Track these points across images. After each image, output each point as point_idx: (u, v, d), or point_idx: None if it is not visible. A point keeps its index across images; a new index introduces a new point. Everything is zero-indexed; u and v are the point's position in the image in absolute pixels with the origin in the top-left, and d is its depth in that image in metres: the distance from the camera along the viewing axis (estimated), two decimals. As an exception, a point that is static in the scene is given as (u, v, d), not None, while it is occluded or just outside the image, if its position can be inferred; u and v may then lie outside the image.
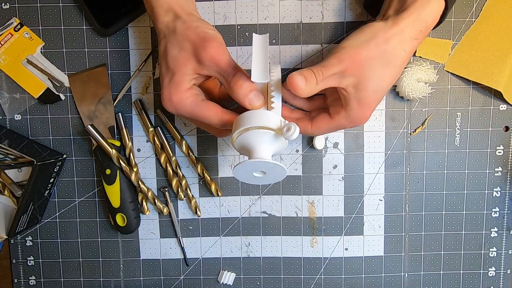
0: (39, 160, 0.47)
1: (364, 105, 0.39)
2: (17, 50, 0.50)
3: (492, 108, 0.51)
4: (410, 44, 0.39)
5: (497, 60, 0.49)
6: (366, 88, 0.38)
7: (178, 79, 0.39)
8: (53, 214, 0.53)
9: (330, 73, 0.38)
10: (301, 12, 0.50)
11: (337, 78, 0.39)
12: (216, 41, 0.39)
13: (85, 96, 0.51)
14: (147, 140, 0.52)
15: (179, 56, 0.39)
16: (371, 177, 0.52)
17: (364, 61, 0.38)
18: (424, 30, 0.39)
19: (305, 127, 0.43)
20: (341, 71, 0.38)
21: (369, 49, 0.38)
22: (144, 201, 0.52)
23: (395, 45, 0.38)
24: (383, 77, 0.39)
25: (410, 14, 0.38)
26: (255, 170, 0.39)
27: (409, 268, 0.54)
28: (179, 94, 0.40)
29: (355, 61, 0.38)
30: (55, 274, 0.54)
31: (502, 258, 0.53)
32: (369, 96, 0.39)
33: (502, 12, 0.49)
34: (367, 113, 0.40)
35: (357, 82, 0.38)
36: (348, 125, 0.41)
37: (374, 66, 0.38)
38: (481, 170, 0.52)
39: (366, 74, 0.38)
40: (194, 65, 0.39)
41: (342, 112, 0.41)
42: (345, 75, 0.38)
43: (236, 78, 0.39)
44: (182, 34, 0.39)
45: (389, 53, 0.38)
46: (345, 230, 0.53)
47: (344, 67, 0.38)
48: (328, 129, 0.43)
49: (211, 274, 0.54)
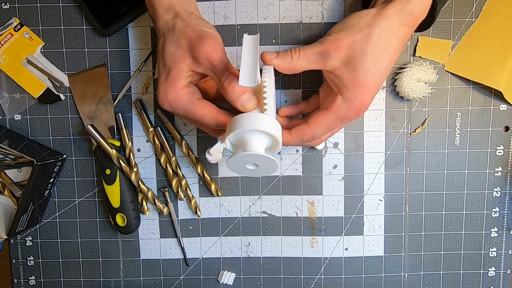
0: (39, 160, 0.47)
1: (359, 86, 0.38)
2: (17, 50, 0.50)
3: (492, 108, 0.51)
4: (398, 29, 0.39)
5: (498, 60, 0.49)
6: (357, 68, 0.38)
7: (174, 76, 0.40)
8: (53, 214, 0.53)
9: (308, 52, 0.39)
10: (301, 12, 0.50)
11: (320, 58, 0.39)
12: (213, 40, 0.39)
13: (85, 96, 0.51)
14: (147, 140, 0.52)
15: (176, 53, 0.39)
16: (371, 177, 0.52)
17: (346, 44, 0.38)
18: (412, 19, 0.39)
19: (303, 132, 0.41)
20: (321, 51, 0.39)
21: (350, 34, 0.39)
22: (144, 201, 0.52)
23: (381, 29, 0.38)
24: (375, 60, 0.38)
25: (395, 5, 0.39)
26: (248, 163, 0.39)
27: (409, 268, 0.54)
28: (174, 91, 0.40)
29: (337, 45, 0.38)
30: (55, 274, 0.54)
31: (502, 258, 0.53)
32: (362, 76, 0.38)
33: (502, 12, 0.49)
34: (364, 95, 0.39)
35: (345, 64, 0.38)
36: (347, 111, 0.39)
37: (361, 48, 0.38)
38: (481, 170, 0.52)
39: (354, 55, 0.38)
40: (190, 62, 0.39)
41: (339, 98, 0.40)
42: (327, 56, 0.39)
43: (229, 80, 0.38)
44: (180, 31, 0.40)
45: (376, 36, 0.38)
46: (345, 230, 0.53)
47: (323, 48, 0.39)
48: (327, 123, 0.41)
49: (211, 274, 0.54)
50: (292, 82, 0.51)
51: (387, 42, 0.39)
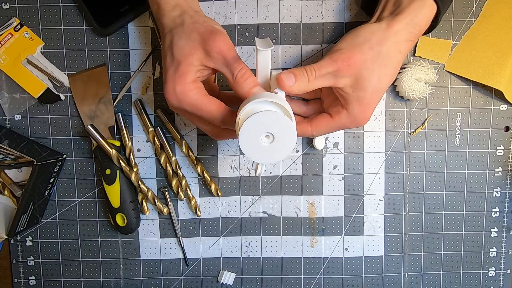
0: (39, 160, 0.47)
1: (364, 105, 0.40)
2: (17, 50, 0.50)
3: (493, 108, 0.51)
4: (405, 45, 0.40)
5: (498, 59, 0.49)
6: (365, 88, 0.39)
7: (183, 69, 0.39)
8: (53, 214, 0.53)
9: (323, 72, 0.39)
10: (301, 12, 0.50)
11: (332, 77, 0.40)
12: (224, 35, 0.40)
13: (85, 96, 0.51)
14: (147, 140, 0.52)
15: (187, 46, 0.39)
16: (371, 177, 0.52)
17: (359, 63, 0.39)
18: (417, 33, 0.40)
19: (305, 129, 0.43)
20: (334, 71, 0.39)
21: (362, 52, 0.39)
22: (144, 201, 0.52)
23: (390, 47, 0.39)
24: (381, 77, 0.39)
25: (404, 18, 0.39)
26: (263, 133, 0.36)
27: (409, 268, 0.54)
28: (183, 85, 0.39)
29: (349, 63, 0.39)
30: (55, 274, 0.54)
31: (502, 258, 0.53)
32: (368, 96, 0.40)
33: (502, 12, 0.49)
34: (367, 113, 0.41)
35: (354, 82, 0.39)
36: (349, 125, 0.42)
37: (370, 67, 0.39)
38: (481, 170, 0.52)
39: (363, 75, 0.39)
40: (201, 56, 0.39)
41: (344, 112, 0.41)
42: (339, 75, 0.39)
43: (242, 72, 0.39)
44: (190, 26, 0.40)
45: (385, 54, 0.39)
46: (345, 230, 0.53)
47: (337, 67, 0.39)
48: (328, 129, 0.43)
49: (211, 274, 0.54)
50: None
51: (393, 60, 0.40)
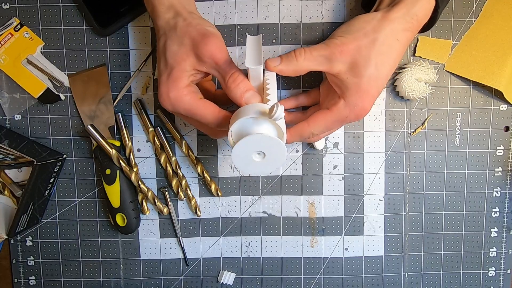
0: (39, 160, 0.47)
1: (361, 92, 0.39)
2: (17, 50, 0.50)
3: (493, 108, 0.51)
4: (402, 34, 0.39)
5: (498, 59, 0.49)
6: (361, 74, 0.38)
7: (176, 75, 0.39)
8: (53, 214, 0.53)
9: (315, 54, 0.39)
10: (301, 12, 0.50)
11: (325, 61, 0.39)
12: (217, 38, 0.39)
13: (85, 96, 0.51)
14: (147, 140, 0.52)
15: (179, 52, 0.39)
16: (371, 177, 0.52)
17: (353, 50, 0.38)
18: (416, 23, 0.39)
19: (303, 128, 0.42)
20: (327, 54, 0.39)
21: (356, 38, 0.39)
22: (144, 201, 0.52)
23: (386, 35, 0.39)
24: (378, 65, 0.39)
25: (400, 8, 0.39)
26: (254, 151, 0.38)
27: (409, 268, 0.54)
28: (177, 90, 0.39)
29: (342, 49, 0.38)
30: (55, 274, 0.54)
31: (502, 258, 0.53)
32: (365, 82, 0.39)
33: (502, 12, 0.49)
34: (366, 101, 0.39)
35: (350, 69, 0.39)
36: (348, 116, 0.40)
37: (365, 53, 0.38)
38: (481, 170, 0.52)
39: (359, 61, 0.38)
40: (193, 61, 0.39)
41: (341, 101, 0.40)
42: (333, 60, 0.39)
43: (233, 77, 0.39)
44: (182, 30, 0.39)
45: (381, 42, 0.38)
46: (345, 230, 0.53)
47: (330, 51, 0.39)
48: (326, 123, 0.41)
49: (211, 274, 0.54)
50: (292, 82, 0.51)
51: (391, 48, 0.39)
